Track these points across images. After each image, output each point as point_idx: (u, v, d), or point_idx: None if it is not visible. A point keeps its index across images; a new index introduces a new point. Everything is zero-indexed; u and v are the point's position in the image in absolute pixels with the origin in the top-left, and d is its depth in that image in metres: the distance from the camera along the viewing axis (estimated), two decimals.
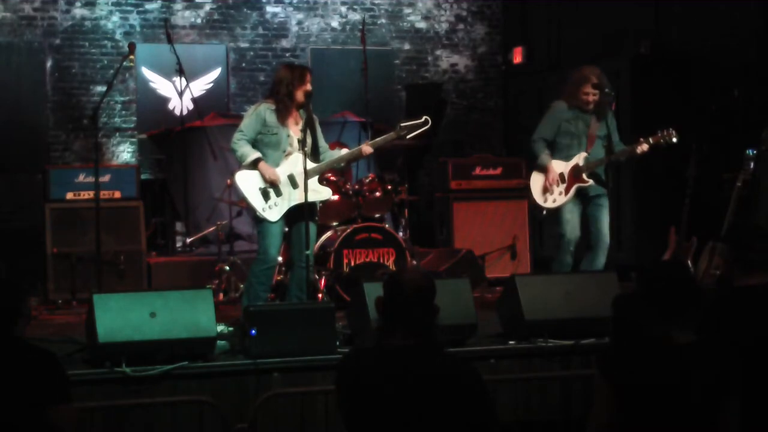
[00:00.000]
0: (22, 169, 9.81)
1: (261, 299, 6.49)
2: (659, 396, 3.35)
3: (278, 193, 6.53)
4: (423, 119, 6.82)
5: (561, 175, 7.12)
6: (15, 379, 3.62)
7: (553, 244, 7.54)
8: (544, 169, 7.14)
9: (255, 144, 6.55)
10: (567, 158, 7.17)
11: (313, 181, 6.55)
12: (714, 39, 8.61)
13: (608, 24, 10.00)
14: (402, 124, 6.85)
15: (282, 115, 6.55)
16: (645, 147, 7.07)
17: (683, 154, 7.88)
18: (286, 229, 6.66)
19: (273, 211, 6.51)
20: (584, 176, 7.12)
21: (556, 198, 7.14)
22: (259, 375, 5.42)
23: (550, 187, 7.11)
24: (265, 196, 6.51)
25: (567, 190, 7.13)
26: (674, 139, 7.02)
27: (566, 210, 7.15)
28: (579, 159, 7.15)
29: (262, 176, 6.50)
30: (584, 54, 9.99)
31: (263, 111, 6.57)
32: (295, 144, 6.53)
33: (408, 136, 6.86)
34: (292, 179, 6.54)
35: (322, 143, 6.77)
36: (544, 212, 7.24)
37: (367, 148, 6.77)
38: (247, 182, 6.53)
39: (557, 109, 7.24)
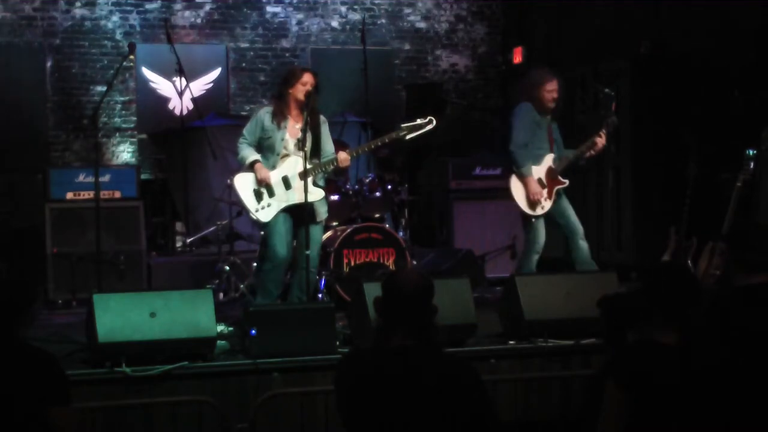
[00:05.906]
0: (22, 169, 9.80)
1: (272, 297, 6.54)
2: (674, 397, 3.35)
3: (271, 194, 6.56)
4: (427, 119, 6.76)
5: (539, 180, 7.12)
6: (14, 380, 3.62)
7: (553, 245, 7.53)
8: (523, 179, 7.08)
9: (258, 148, 6.63)
10: (538, 161, 7.15)
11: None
12: (714, 39, 8.60)
13: (608, 24, 10.00)
14: (403, 125, 6.81)
15: (278, 118, 6.58)
16: (603, 139, 7.14)
17: (683, 154, 7.90)
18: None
19: (265, 211, 6.55)
20: (560, 177, 7.17)
21: (544, 205, 7.13)
22: (259, 375, 5.43)
23: (536, 199, 7.05)
24: (258, 197, 6.56)
25: (549, 195, 7.15)
26: (612, 125, 7.25)
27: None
28: (550, 161, 7.18)
29: (255, 177, 6.54)
30: (584, 54, 9.99)
31: (262, 116, 6.64)
32: (290, 147, 6.55)
33: (408, 137, 6.80)
34: (285, 180, 6.56)
35: (328, 147, 6.70)
36: (533, 219, 7.17)
37: (342, 157, 6.58)
38: (243, 185, 6.62)
39: (526, 111, 7.15)
